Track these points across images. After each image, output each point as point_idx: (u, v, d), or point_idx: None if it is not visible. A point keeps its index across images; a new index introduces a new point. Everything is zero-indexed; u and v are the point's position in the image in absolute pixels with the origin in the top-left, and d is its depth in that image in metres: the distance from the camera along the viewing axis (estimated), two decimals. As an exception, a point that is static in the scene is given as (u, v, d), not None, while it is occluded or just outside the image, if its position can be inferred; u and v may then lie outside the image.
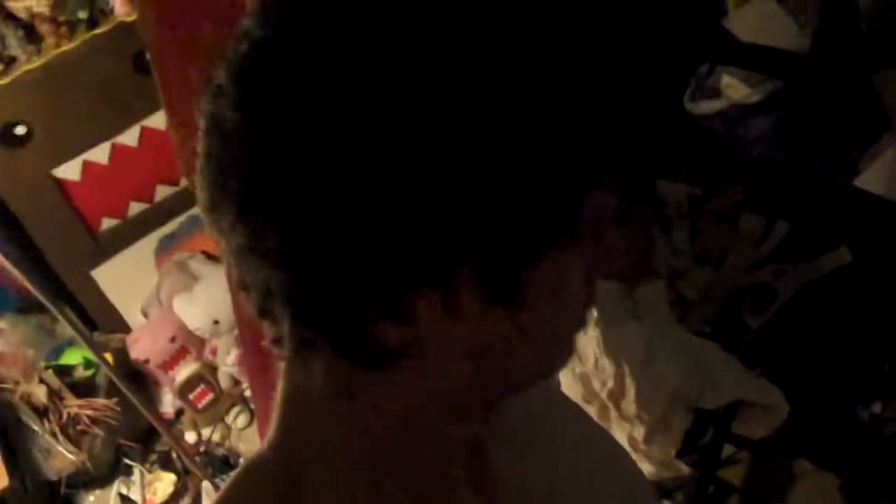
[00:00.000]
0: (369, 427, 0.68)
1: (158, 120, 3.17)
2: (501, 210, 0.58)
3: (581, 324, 0.71)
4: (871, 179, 2.65)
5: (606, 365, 2.16)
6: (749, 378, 2.20)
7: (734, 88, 2.92)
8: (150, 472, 3.29)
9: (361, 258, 0.58)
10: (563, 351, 0.71)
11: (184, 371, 3.33)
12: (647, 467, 2.22)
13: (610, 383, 2.15)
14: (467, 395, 0.69)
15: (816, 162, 2.80)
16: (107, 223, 3.38)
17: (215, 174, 0.62)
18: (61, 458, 3.08)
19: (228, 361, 3.29)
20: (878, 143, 2.74)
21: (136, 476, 3.28)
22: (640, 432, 2.16)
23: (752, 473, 2.67)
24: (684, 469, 2.23)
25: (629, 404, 2.15)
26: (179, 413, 3.47)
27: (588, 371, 2.20)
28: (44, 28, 3.14)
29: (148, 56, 2.46)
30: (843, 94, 2.81)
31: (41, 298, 2.40)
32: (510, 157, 0.58)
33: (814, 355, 2.38)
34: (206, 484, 3.07)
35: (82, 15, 3.16)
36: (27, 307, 3.26)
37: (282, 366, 0.70)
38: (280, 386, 0.71)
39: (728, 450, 2.52)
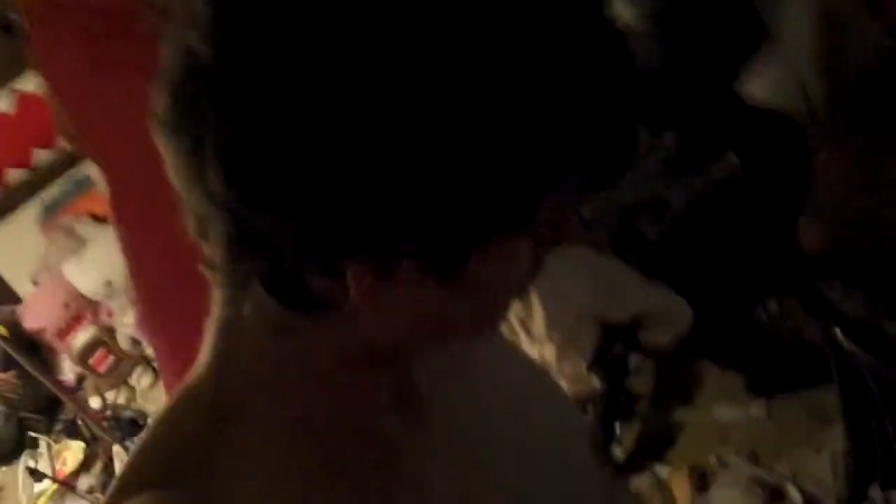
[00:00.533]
0: (294, 356, 0.70)
1: (30, 83, 3.05)
2: (455, 200, 0.58)
3: (522, 293, 0.72)
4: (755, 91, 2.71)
5: (511, 289, 2.17)
6: (652, 288, 2.24)
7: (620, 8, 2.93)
8: (56, 442, 3.24)
9: (309, 214, 0.58)
10: (494, 320, 0.74)
11: (81, 336, 3.28)
12: (560, 384, 2.26)
13: (516, 307, 2.17)
14: (393, 344, 0.71)
15: (691, 64, 2.83)
16: (-17, 193, 3.30)
17: (173, 98, 0.60)
18: (-39, 436, 3.02)
19: (126, 322, 3.23)
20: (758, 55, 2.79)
21: (42, 448, 3.23)
22: (550, 351, 2.19)
23: (659, 380, 2.73)
24: (596, 382, 2.27)
25: (537, 325, 2.17)
26: (81, 379, 3.42)
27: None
28: None
29: (14, 17, 2.38)
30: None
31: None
32: (472, 151, 0.57)
33: (710, 260, 2.44)
34: (116, 448, 3.03)
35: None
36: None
37: (214, 293, 0.71)
38: (213, 312, 0.72)
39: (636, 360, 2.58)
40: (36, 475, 3.14)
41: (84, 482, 3.15)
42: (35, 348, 3.27)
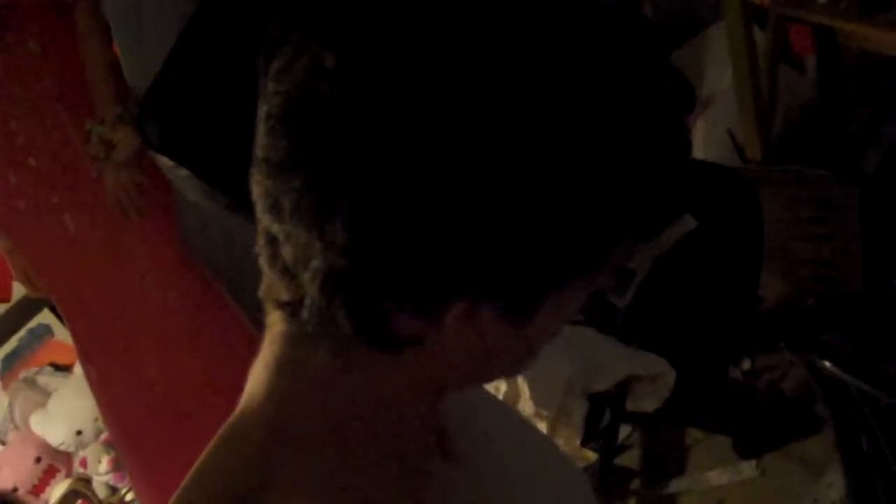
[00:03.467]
0: (363, 393, 0.72)
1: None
2: (543, 249, 0.64)
3: (558, 334, 0.76)
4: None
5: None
6: (631, 354, 2.25)
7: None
8: None
9: (416, 264, 0.62)
10: (533, 360, 0.77)
11: (56, 490, 3.18)
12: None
13: (503, 387, 2.16)
14: (449, 384, 0.75)
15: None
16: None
17: (295, 141, 0.63)
18: None
19: (101, 469, 3.16)
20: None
21: None
22: (542, 428, 2.18)
23: (648, 453, 2.71)
24: (592, 456, 2.25)
25: (525, 404, 2.16)
26: (61, 535, 3.31)
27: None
28: None
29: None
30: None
31: None
32: (558, 204, 0.62)
33: (680, 323, 2.46)
34: None
35: None
36: None
37: (272, 332, 0.73)
38: (271, 351, 0.73)
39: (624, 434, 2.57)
40: None
41: None
42: (10, 510, 3.18)
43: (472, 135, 0.60)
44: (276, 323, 0.72)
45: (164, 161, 1.99)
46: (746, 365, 2.80)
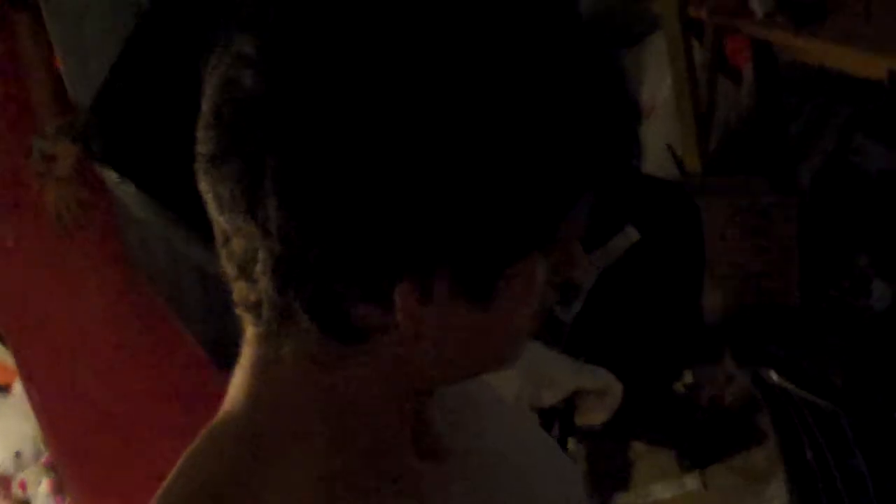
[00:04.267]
0: (334, 390, 0.72)
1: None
2: (490, 217, 0.63)
3: (535, 323, 0.75)
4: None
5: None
6: (578, 367, 2.25)
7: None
8: None
9: (355, 243, 0.62)
10: (516, 347, 0.77)
11: (-5, 513, 3.11)
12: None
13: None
14: (423, 375, 0.74)
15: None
16: None
17: (223, 132, 0.64)
18: None
19: (41, 491, 3.09)
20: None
21: None
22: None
23: (591, 469, 2.72)
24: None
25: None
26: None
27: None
28: None
29: None
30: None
31: None
32: (503, 170, 0.62)
33: (623, 336, 2.47)
34: None
35: None
36: None
37: (247, 335, 0.74)
38: (246, 354, 0.74)
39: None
40: None
41: None
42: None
43: (398, 102, 0.60)
44: (248, 325, 0.73)
45: (110, 175, 1.97)
46: (688, 378, 2.82)
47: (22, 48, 2.31)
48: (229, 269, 0.69)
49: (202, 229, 0.72)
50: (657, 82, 3.15)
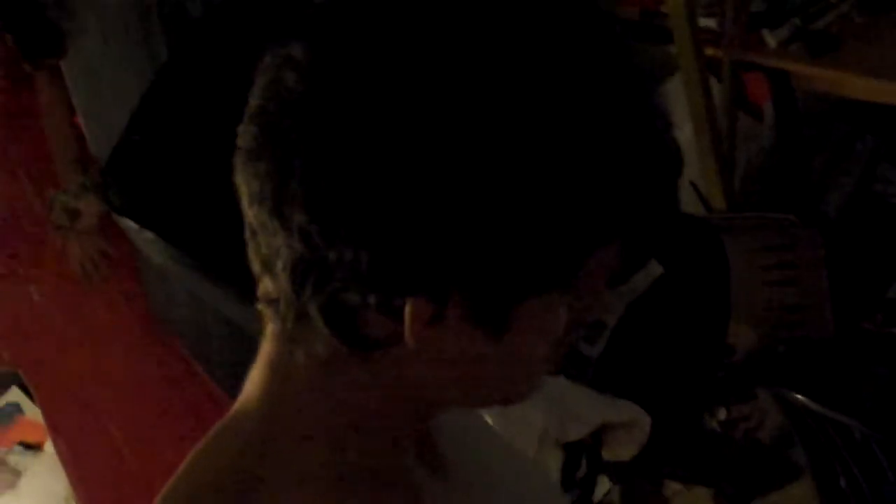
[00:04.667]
0: (339, 395, 0.74)
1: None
2: (507, 248, 0.63)
3: (553, 363, 0.76)
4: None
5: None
6: (605, 401, 2.23)
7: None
8: None
9: (372, 253, 0.63)
10: (530, 383, 0.77)
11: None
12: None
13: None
14: (433, 396, 0.76)
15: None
16: None
17: (261, 128, 0.66)
18: None
19: (73, 550, 3.10)
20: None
21: None
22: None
23: (626, 508, 2.69)
24: (570, 507, 2.23)
25: (501, 455, 2.13)
26: None
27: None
28: None
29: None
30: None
31: None
32: (527, 204, 0.62)
33: (652, 373, 2.45)
34: None
35: None
36: None
37: (267, 332, 0.75)
38: (264, 351, 0.76)
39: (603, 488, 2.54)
40: None
41: None
42: None
43: (434, 124, 0.61)
44: (268, 321, 0.74)
45: (129, 225, 1.99)
46: (722, 415, 2.78)
47: (42, 105, 2.35)
48: (255, 265, 0.71)
49: (222, 277, 0.74)
50: (680, 123, 3.15)
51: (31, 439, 3.22)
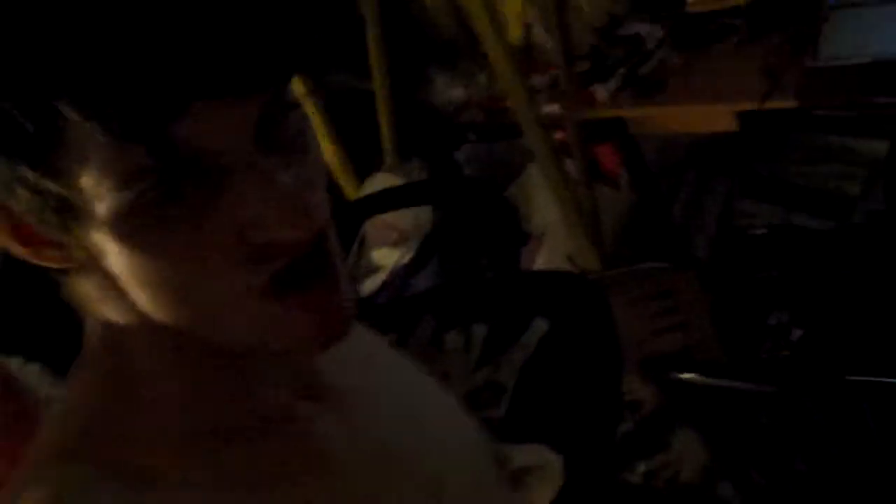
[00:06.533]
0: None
1: None
2: None
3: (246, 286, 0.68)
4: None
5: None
6: (519, 448, 2.24)
7: (386, 257, 3.11)
8: None
9: None
10: (217, 309, 0.70)
11: None
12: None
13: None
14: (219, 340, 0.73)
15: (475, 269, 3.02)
16: None
17: None
18: None
19: None
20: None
21: None
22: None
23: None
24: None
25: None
26: None
27: None
28: None
29: None
30: (485, 218, 3.08)
31: None
32: None
33: (556, 429, 2.47)
34: None
35: None
36: None
37: None
38: None
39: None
40: None
41: None
42: None
43: None
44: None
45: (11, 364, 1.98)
46: (642, 468, 2.79)
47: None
48: None
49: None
50: (546, 206, 3.26)
51: None
